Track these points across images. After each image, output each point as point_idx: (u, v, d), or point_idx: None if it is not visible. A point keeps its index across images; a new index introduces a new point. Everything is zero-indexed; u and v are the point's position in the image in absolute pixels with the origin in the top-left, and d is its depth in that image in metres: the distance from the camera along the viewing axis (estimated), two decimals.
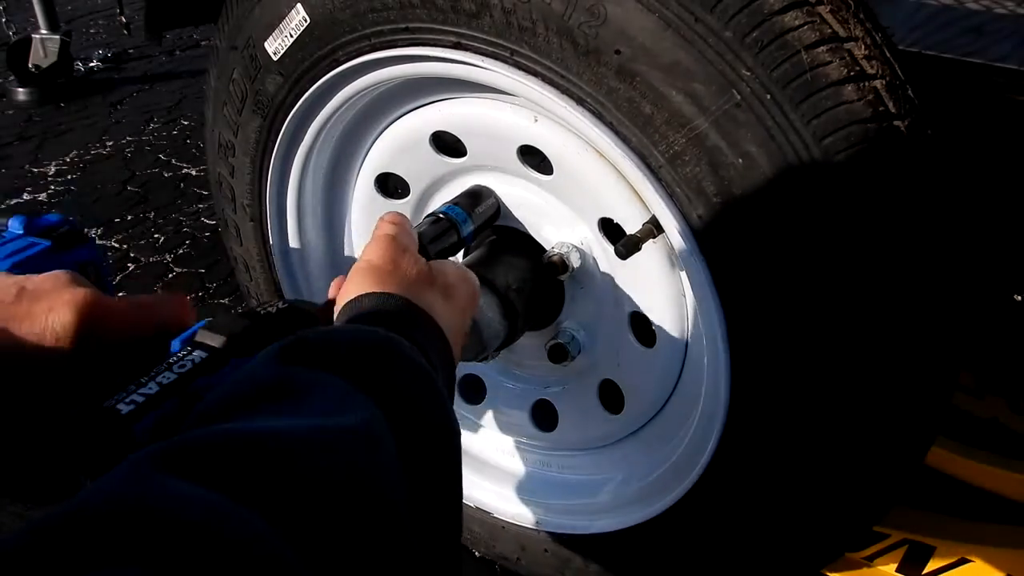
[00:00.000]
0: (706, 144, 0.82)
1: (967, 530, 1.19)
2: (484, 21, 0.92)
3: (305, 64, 1.10)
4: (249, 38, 1.14)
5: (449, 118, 1.11)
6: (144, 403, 0.57)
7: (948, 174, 0.82)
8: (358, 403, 0.52)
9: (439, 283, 0.76)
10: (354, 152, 1.24)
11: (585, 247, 1.09)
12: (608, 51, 0.84)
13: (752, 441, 0.97)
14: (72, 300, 0.63)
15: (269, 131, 1.20)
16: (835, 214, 0.81)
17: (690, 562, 1.13)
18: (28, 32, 3.72)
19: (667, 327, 1.06)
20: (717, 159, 0.83)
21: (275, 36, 1.10)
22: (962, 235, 0.84)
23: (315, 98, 1.13)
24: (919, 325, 0.84)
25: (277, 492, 0.43)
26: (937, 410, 0.91)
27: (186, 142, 3.23)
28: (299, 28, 1.07)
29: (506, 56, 0.92)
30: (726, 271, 0.88)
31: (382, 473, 0.49)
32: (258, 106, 1.19)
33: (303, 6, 1.05)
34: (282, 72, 1.13)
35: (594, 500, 1.23)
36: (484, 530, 1.36)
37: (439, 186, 1.18)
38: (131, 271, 2.38)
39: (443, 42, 0.97)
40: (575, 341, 1.14)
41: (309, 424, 0.48)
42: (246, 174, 1.28)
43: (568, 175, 1.04)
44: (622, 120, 0.87)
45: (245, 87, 1.20)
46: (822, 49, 0.77)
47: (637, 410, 1.16)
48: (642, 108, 0.85)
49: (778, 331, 0.88)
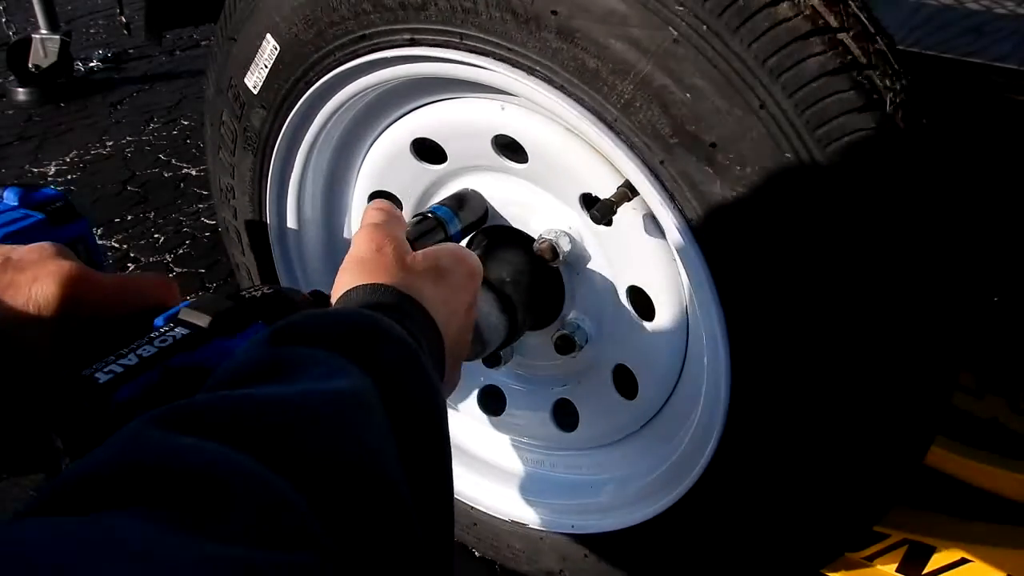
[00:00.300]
0: (653, 86, 0.83)
1: (967, 530, 1.19)
2: (431, 11, 0.95)
3: (282, 92, 1.14)
4: (231, 78, 1.19)
5: (425, 124, 1.14)
6: (122, 373, 0.58)
7: (940, 164, 0.82)
8: (348, 372, 0.53)
9: (430, 267, 0.75)
10: (345, 177, 1.28)
11: (574, 231, 1.09)
12: (546, 14, 0.86)
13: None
14: (57, 272, 0.64)
15: (261, 166, 1.25)
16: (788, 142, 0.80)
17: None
18: (28, 32, 3.72)
19: (664, 296, 1.05)
20: (666, 98, 0.83)
21: (252, 70, 1.15)
22: (962, 234, 0.84)
23: (296, 124, 1.17)
24: (919, 324, 0.84)
25: (273, 441, 0.44)
26: (937, 410, 0.91)
27: (186, 142, 3.23)
28: (272, 57, 1.12)
29: (456, 42, 0.95)
30: (699, 219, 0.87)
31: (375, 436, 0.50)
32: (248, 143, 1.24)
33: (272, 35, 1.10)
34: (263, 104, 1.18)
35: (624, 494, 1.21)
36: (525, 544, 1.32)
37: (429, 196, 1.20)
38: (131, 271, 2.38)
39: (398, 41, 1.00)
40: (581, 330, 1.13)
41: (303, 387, 0.49)
42: (248, 214, 1.32)
43: (542, 158, 1.05)
44: (571, 80, 0.89)
45: (234, 127, 1.25)
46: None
47: (651, 391, 1.14)
48: (588, 64, 0.86)
49: (765, 287, 0.87)
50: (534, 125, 1.03)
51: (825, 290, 0.84)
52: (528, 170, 1.08)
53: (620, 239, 1.04)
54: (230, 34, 1.17)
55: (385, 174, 1.22)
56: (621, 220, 1.01)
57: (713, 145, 0.82)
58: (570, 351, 1.13)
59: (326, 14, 1.03)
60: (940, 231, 0.82)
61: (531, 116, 1.03)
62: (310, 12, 1.05)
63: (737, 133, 0.80)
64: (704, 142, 0.82)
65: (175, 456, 0.40)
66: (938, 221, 0.82)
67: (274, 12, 1.09)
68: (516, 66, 0.92)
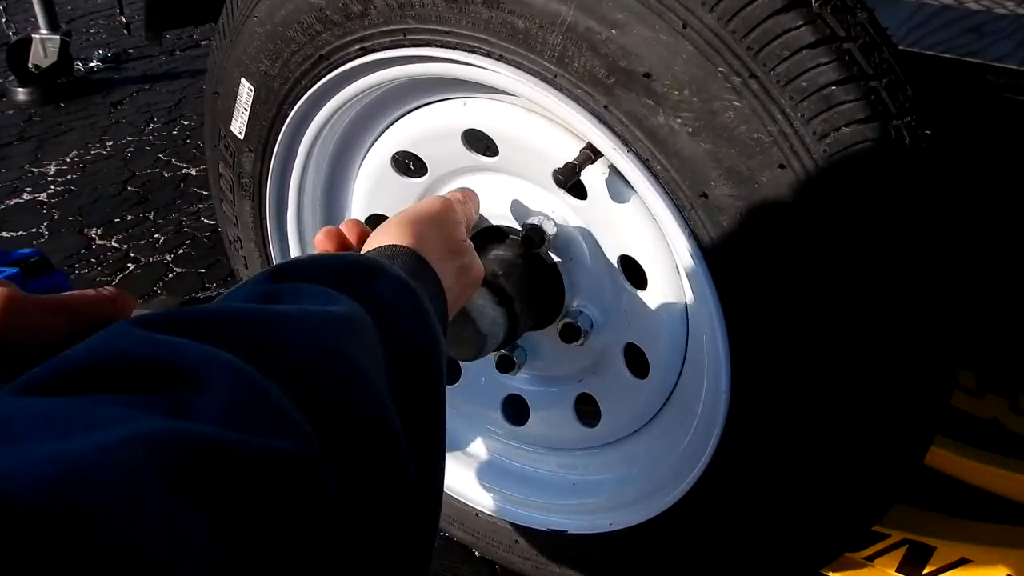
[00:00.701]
0: (579, 31, 0.84)
1: (967, 530, 1.19)
2: (372, 15, 0.99)
3: (264, 130, 1.20)
4: (219, 130, 1.25)
5: (401, 139, 1.17)
6: None
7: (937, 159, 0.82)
8: (346, 303, 0.54)
9: (466, 259, 0.82)
10: (340, 209, 1.31)
11: (557, 215, 1.08)
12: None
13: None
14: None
15: (259, 210, 1.29)
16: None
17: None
18: (28, 32, 3.73)
19: (653, 261, 1.03)
20: (594, 40, 0.84)
21: (235, 116, 1.21)
22: (962, 233, 0.84)
23: (283, 160, 1.22)
24: (919, 323, 0.84)
25: (262, 346, 0.44)
26: (937, 410, 0.91)
27: (186, 142, 3.23)
28: (249, 99, 1.18)
29: (400, 39, 0.99)
30: (653, 156, 0.86)
31: (369, 359, 0.50)
32: (244, 189, 1.29)
33: (245, 78, 1.17)
34: (250, 147, 1.23)
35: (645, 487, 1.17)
36: (568, 551, 1.27)
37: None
38: (131, 271, 2.38)
39: (351, 54, 1.04)
40: (583, 315, 1.12)
41: (298, 308, 0.50)
42: (256, 259, 1.36)
43: (509, 144, 1.06)
44: (507, 47, 0.90)
45: (230, 176, 1.30)
46: None
47: (662, 364, 1.10)
48: (517, 26, 0.88)
49: (740, 220, 0.86)
50: (494, 113, 1.05)
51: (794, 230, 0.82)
52: (501, 161, 1.09)
53: (599, 209, 1.03)
54: (214, 89, 1.24)
55: (374, 197, 1.24)
56: (595, 189, 1.01)
57: (647, 75, 0.82)
58: (576, 339, 1.11)
59: (285, 44, 1.09)
60: (939, 228, 0.82)
61: (491, 105, 1.05)
62: (272, 46, 1.11)
63: (667, 58, 0.81)
64: (638, 73, 0.83)
65: (159, 348, 0.39)
66: (936, 217, 0.82)
67: (243, 56, 1.15)
68: (457, 48, 0.95)
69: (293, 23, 1.06)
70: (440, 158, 1.14)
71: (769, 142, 0.80)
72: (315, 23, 1.04)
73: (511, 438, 1.32)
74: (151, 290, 2.28)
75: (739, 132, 0.80)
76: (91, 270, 2.38)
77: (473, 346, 1.04)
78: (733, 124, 0.80)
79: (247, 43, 1.13)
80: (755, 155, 0.81)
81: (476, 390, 1.31)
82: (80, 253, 2.47)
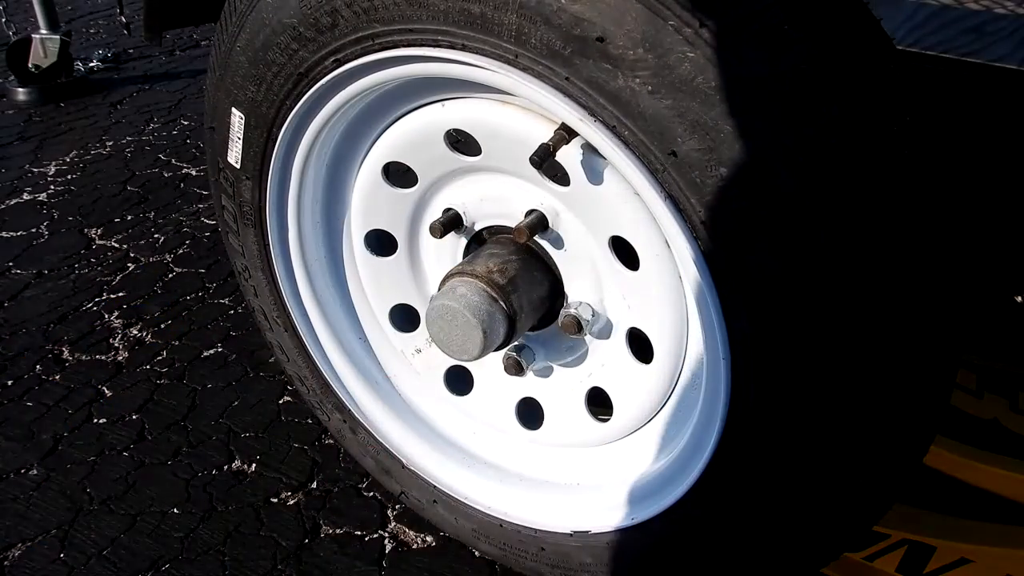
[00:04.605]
0: (531, 6, 0.85)
1: (967, 530, 1.19)
2: (341, 25, 1.02)
3: (258, 156, 1.22)
4: (218, 162, 1.29)
5: (388, 149, 1.19)
6: None
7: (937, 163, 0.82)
8: None
9: None
10: (338, 227, 1.32)
11: (546, 207, 1.08)
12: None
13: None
14: None
15: (263, 237, 1.32)
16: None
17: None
18: (28, 32, 3.72)
19: (641, 237, 1.02)
20: (545, 12, 0.85)
21: (231, 147, 1.24)
22: (962, 233, 0.84)
23: (278, 184, 1.24)
24: (919, 323, 0.84)
25: None
26: (937, 410, 0.91)
27: (186, 142, 3.23)
28: (240, 127, 1.21)
29: (370, 44, 1.01)
30: (620, 123, 0.86)
31: None
32: (246, 218, 1.31)
33: (236, 108, 1.20)
34: (247, 175, 1.26)
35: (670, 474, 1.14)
36: (595, 556, 1.24)
37: (418, 224, 1.23)
38: (131, 271, 2.38)
39: (327, 67, 1.07)
40: (584, 305, 1.12)
41: None
42: (264, 288, 1.38)
43: (490, 139, 1.07)
44: (468, 35, 0.92)
45: (231, 206, 1.32)
46: None
47: (664, 346, 1.08)
48: (473, 11, 0.90)
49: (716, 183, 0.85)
50: (471, 109, 1.07)
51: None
52: (486, 159, 1.10)
53: (583, 192, 1.03)
54: (209, 124, 1.27)
55: (370, 212, 1.26)
56: (575, 172, 1.00)
57: (601, 39, 0.83)
58: (580, 331, 1.11)
59: (267, 67, 1.12)
60: (939, 227, 0.82)
61: (467, 103, 1.07)
62: (255, 71, 1.14)
63: (617, 18, 0.81)
64: (592, 39, 0.83)
65: None
66: (936, 217, 0.82)
67: (231, 86, 1.19)
68: (423, 44, 0.97)
69: (272, 46, 1.10)
70: (427, 163, 1.15)
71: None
72: (291, 42, 1.07)
73: (527, 442, 1.31)
74: (151, 290, 2.28)
75: (698, 83, 0.80)
76: (91, 270, 2.38)
77: (474, 345, 1.04)
78: (691, 75, 0.80)
79: (233, 73, 1.17)
80: (716, 104, 0.80)
81: (488, 398, 1.31)
82: (80, 253, 2.47)
